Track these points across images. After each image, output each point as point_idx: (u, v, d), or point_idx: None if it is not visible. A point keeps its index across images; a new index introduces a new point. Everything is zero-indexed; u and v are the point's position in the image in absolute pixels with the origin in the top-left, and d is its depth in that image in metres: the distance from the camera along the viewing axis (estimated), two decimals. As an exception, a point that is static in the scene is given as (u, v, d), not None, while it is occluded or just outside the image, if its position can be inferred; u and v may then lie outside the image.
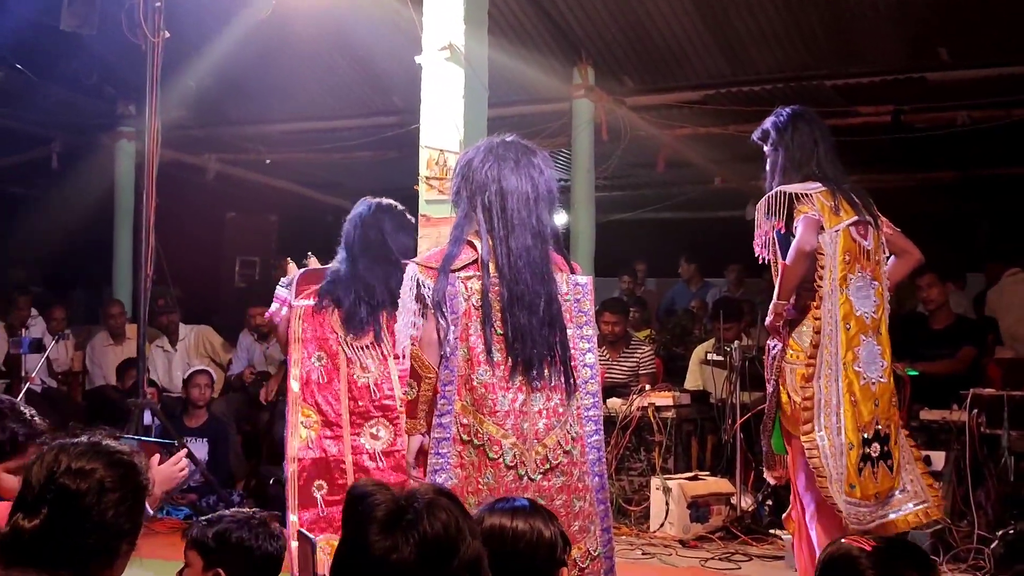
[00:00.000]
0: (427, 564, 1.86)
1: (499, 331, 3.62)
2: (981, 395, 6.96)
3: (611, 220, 13.30)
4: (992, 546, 6.37)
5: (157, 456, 3.30)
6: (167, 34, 7.90)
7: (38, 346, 9.15)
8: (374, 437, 4.92)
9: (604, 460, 3.75)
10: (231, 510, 3.26)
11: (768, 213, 4.85)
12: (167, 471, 3.26)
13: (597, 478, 3.69)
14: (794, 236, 4.74)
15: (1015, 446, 6.82)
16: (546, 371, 3.61)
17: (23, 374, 8.89)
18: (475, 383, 3.61)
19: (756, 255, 5.00)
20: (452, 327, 3.64)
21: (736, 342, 8.19)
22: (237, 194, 13.86)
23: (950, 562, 6.40)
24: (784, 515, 5.21)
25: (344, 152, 12.45)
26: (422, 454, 3.72)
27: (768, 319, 4.88)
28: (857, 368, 4.83)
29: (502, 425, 3.59)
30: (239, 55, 9.70)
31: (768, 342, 5.07)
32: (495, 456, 3.58)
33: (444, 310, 3.64)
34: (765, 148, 5.06)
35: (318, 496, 4.87)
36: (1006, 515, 6.73)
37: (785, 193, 4.80)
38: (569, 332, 3.68)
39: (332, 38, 9.91)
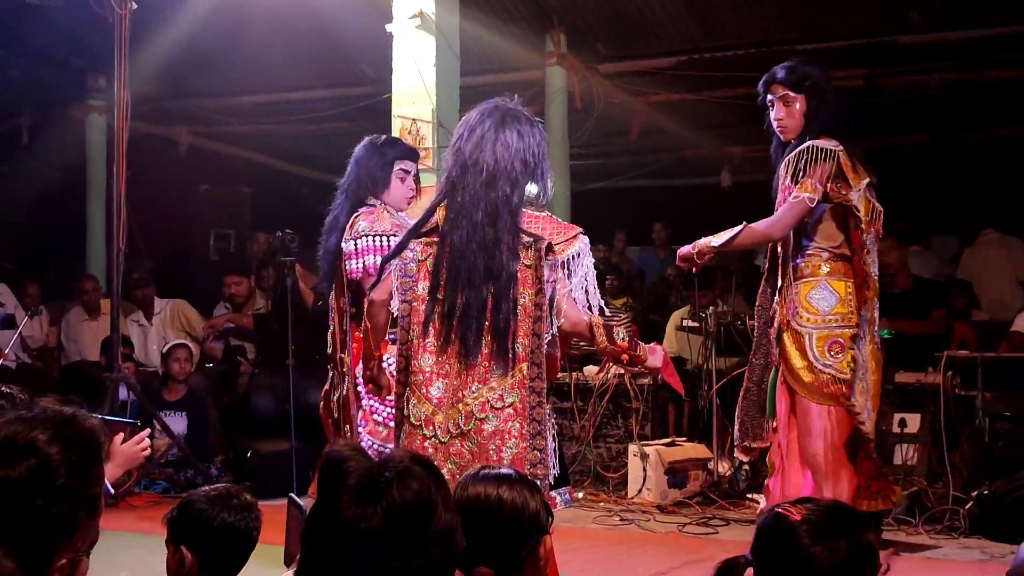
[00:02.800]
0: (396, 533, 1.85)
1: (440, 298, 3.68)
2: (955, 357, 7.00)
3: (586, 189, 13.29)
4: (967, 506, 6.41)
5: (121, 435, 3.27)
6: (134, 5, 7.81)
7: (10, 322, 9.08)
8: None
9: (544, 434, 3.67)
10: (206, 487, 3.23)
11: (801, 166, 4.87)
12: (129, 450, 3.23)
13: (536, 452, 3.64)
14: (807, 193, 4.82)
15: (989, 407, 6.87)
16: (482, 343, 3.62)
17: (-4, 350, 8.83)
18: (407, 343, 3.72)
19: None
20: (404, 289, 3.74)
21: (711, 308, 8.21)
22: (210, 167, 13.77)
23: (926, 523, 6.44)
24: (765, 483, 5.23)
25: (316, 123, 12.39)
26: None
27: (687, 248, 4.85)
28: (875, 330, 4.92)
29: (417, 386, 3.67)
30: (207, 26, 9.61)
31: (764, 304, 5.09)
32: (406, 413, 3.69)
33: (392, 269, 3.78)
34: (793, 94, 5.01)
35: None
36: (980, 475, 6.78)
37: (818, 148, 4.85)
38: (526, 300, 3.65)
39: (300, 7, 9.83)
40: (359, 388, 5.00)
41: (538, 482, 3.58)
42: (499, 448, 3.60)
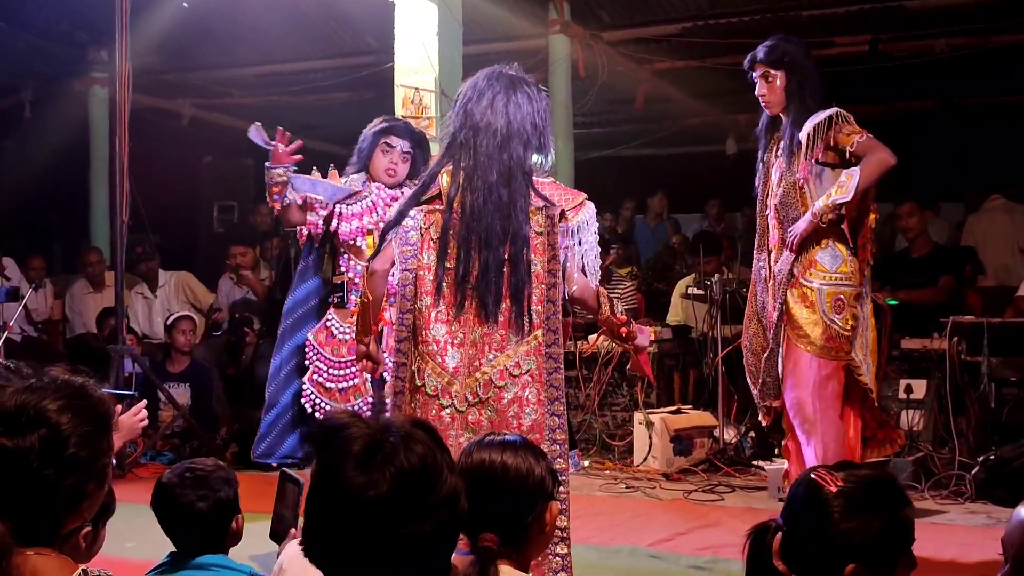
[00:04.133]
0: (404, 499, 1.82)
1: (450, 266, 3.64)
2: (961, 323, 6.98)
3: (590, 158, 13.24)
4: (973, 472, 6.43)
5: (119, 407, 3.29)
6: (135, -23, 7.78)
7: (14, 295, 9.08)
8: None
9: (563, 400, 3.69)
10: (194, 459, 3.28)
11: (820, 135, 4.97)
12: (128, 422, 3.25)
13: (555, 417, 3.64)
14: (839, 161, 4.96)
15: (995, 373, 6.86)
16: (499, 309, 3.61)
17: (1, 323, 8.83)
18: (416, 312, 3.66)
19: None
20: (405, 258, 3.70)
21: (716, 276, 8.19)
22: (213, 138, 13.73)
23: (932, 488, 6.45)
24: (783, 444, 5.30)
25: (319, 94, 12.35)
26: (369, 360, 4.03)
27: (805, 223, 4.94)
28: (869, 287, 5.15)
29: (430, 355, 3.62)
30: (208, -3, 9.58)
31: (774, 269, 5.12)
32: (420, 384, 3.64)
33: (394, 238, 3.73)
34: (772, 71, 5.14)
35: None
36: (987, 441, 6.78)
37: (840, 114, 4.96)
38: (538, 267, 3.65)
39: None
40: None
41: (557, 447, 3.61)
42: (518, 415, 3.60)
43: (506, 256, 3.62)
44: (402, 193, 4.97)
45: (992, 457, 6.43)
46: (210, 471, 3.16)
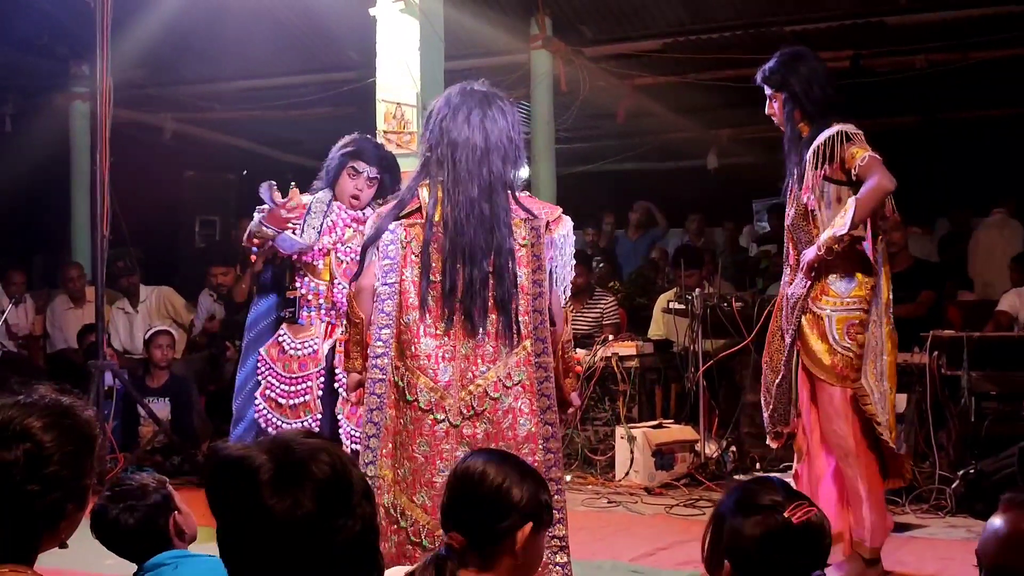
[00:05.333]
0: (331, 507, 1.81)
1: (434, 279, 3.64)
2: (941, 337, 6.99)
3: (572, 172, 13.27)
4: (953, 485, 6.43)
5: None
6: (115, -10, 7.76)
7: (-6, 310, 9.06)
8: None
9: (555, 409, 3.69)
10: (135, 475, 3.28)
11: (822, 157, 4.85)
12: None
13: (548, 426, 3.66)
14: (846, 180, 4.81)
15: (975, 387, 6.87)
16: (487, 321, 3.62)
17: (-19, 340, 8.80)
18: (403, 327, 3.65)
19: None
20: (385, 272, 3.69)
21: (697, 290, 8.20)
22: (195, 153, 13.74)
23: (912, 502, 6.45)
24: (792, 472, 5.19)
25: (301, 109, 12.36)
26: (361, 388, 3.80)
27: (812, 254, 4.83)
28: (890, 312, 4.94)
29: (421, 369, 3.61)
30: (190, 11, 9.57)
31: (787, 290, 5.05)
32: (411, 399, 3.61)
33: (375, 254, 3.71)
34: (773, 92, 5.05)
35: None
36: (967, 455, 6.78)
37: (843, 133, 4.82)
38: (523, 279, 3.67)
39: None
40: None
41: (552, 455, 3.61)
42: (513, 426, 3.61)
43: (491, 269, 3.64)
44: (365, 215, 5.05)
45: (972, 471, 6.43)
46: (136, 483, 3.18)
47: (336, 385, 5.12)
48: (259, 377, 5.18)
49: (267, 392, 5.15)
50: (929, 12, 9.80)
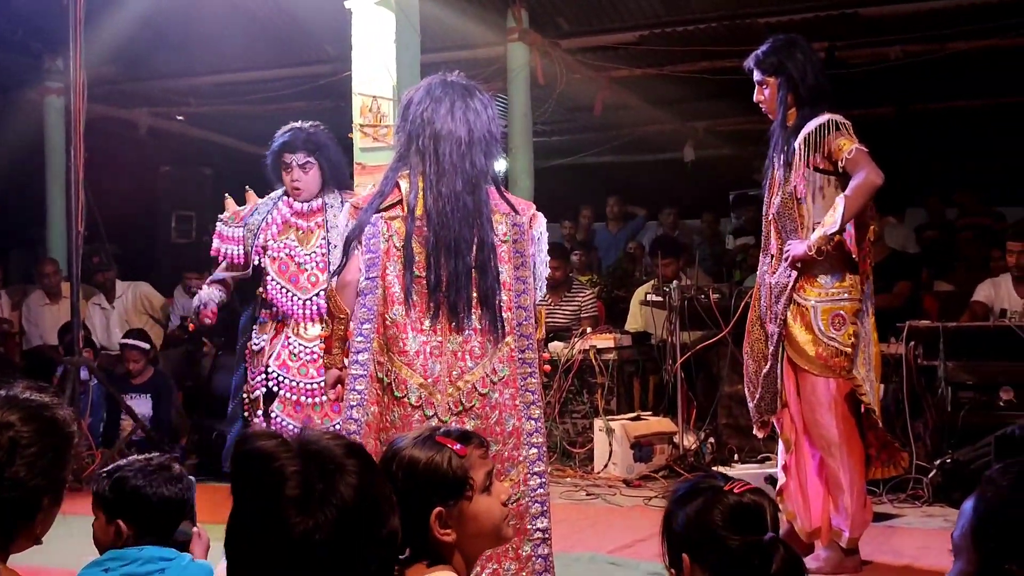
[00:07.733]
0: (349, 536, 1.75)
1: (418, 274, 3.61)
2: (918, 327, 7.02)
3: (550, 165, 13.27)
4: (930, 475, 6.46)
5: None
6: (87, -16, 7.72)
7: (-31, 307, 9.00)
8: None
9: (540, 403, 3.69)
10: (129, 458, 3.20)
11: (812, 146, 4.87)
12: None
13: (532, 421, 3.65)
14: (833, 170, 4.85)
15: (951, 377, 6.89)
16: (472, 315, 3.60)
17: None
18: (388, 322, 3.61)
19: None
20: (367, 266, 3.65)
21: (675, 282, 8.21)
22: (170, 148, 13.65)
23: (889, 492, 6.49)
24: (782, 465, 5.19)
25: (277, 103, 12.28)
26: (341, 385, 3.75)
27: (802, 251, 4.83)
28: (872, 304, 5.00)
29: (410, 365, 3.58)
30: (164, 5, 9.52)
31: (769, 279, 5.05)
32: (400, 395, 3.58)
33: (357, 248, 3.67)
34: (765, 78, 5.05)
35: None
36: (943, 445, 6.81)
37: (833, 121, 4.85)
38: (504, 275, 3.66)
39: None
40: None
41: (535, 450, 3.60)
42: (500, 421, 3.61)
43: (474, 264, 3.62)
44: (310, 208, 5.39)
45: (949, 460, 6.47)
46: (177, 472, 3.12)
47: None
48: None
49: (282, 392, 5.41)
50: (903, 3, 9.82)
